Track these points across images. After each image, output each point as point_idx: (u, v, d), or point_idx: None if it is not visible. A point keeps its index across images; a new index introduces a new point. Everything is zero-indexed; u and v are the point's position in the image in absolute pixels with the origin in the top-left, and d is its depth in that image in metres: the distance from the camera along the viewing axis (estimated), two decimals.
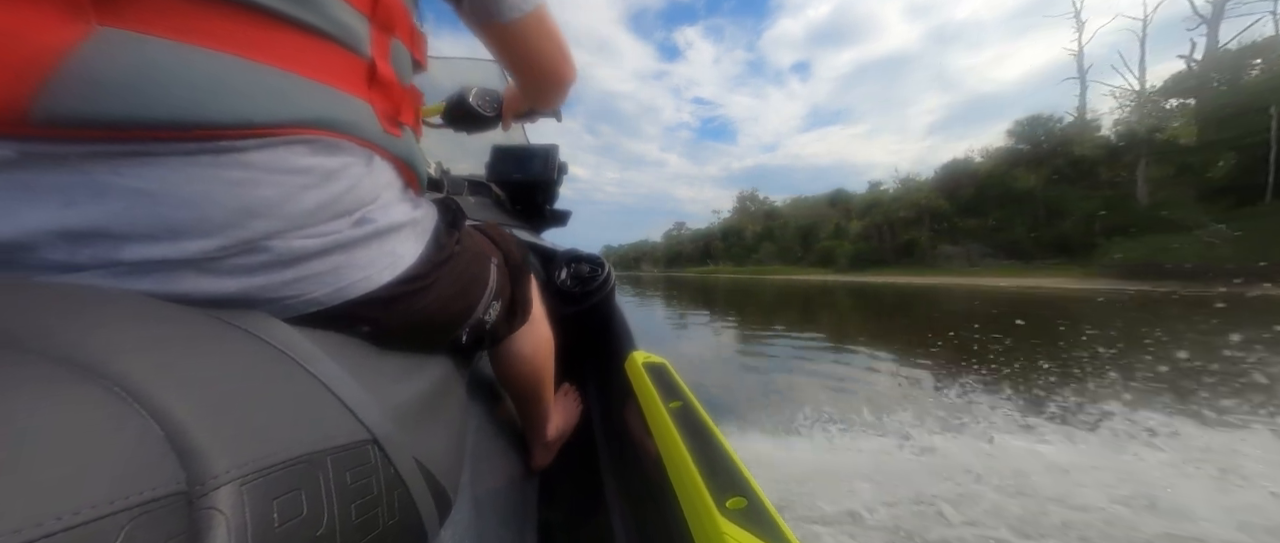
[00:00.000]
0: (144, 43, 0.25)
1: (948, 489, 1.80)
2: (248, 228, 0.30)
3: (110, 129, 0.25)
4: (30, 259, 0.26)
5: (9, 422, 0.16)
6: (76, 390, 0.18)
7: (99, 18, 0.24)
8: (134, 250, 0.27)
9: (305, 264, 0.33)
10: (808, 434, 2.63)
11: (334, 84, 0.34)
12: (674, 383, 0.70)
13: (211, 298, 0.30)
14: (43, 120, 0.24)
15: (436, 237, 0.45)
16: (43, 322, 0.21)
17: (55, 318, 0.21)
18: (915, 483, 1.86)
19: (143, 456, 0.19)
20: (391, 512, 0.31)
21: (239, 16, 0.29)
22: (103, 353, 0.21)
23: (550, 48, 0.59)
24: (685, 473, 0.48)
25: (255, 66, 0.29)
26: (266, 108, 0.29)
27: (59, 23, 0.24)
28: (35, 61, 0.23)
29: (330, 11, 0.33)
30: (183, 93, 0.26)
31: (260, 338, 0.29)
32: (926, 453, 2.21)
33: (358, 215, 0.36)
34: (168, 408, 0.20)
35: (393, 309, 0.39)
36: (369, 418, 0.31)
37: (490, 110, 0.94)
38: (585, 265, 1.25)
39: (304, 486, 0.24)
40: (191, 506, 0.20)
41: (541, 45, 0.57)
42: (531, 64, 0.60)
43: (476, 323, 0.52)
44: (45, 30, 0.23)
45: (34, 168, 0.25)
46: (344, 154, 0.35)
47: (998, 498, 1.73)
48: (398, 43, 0.41)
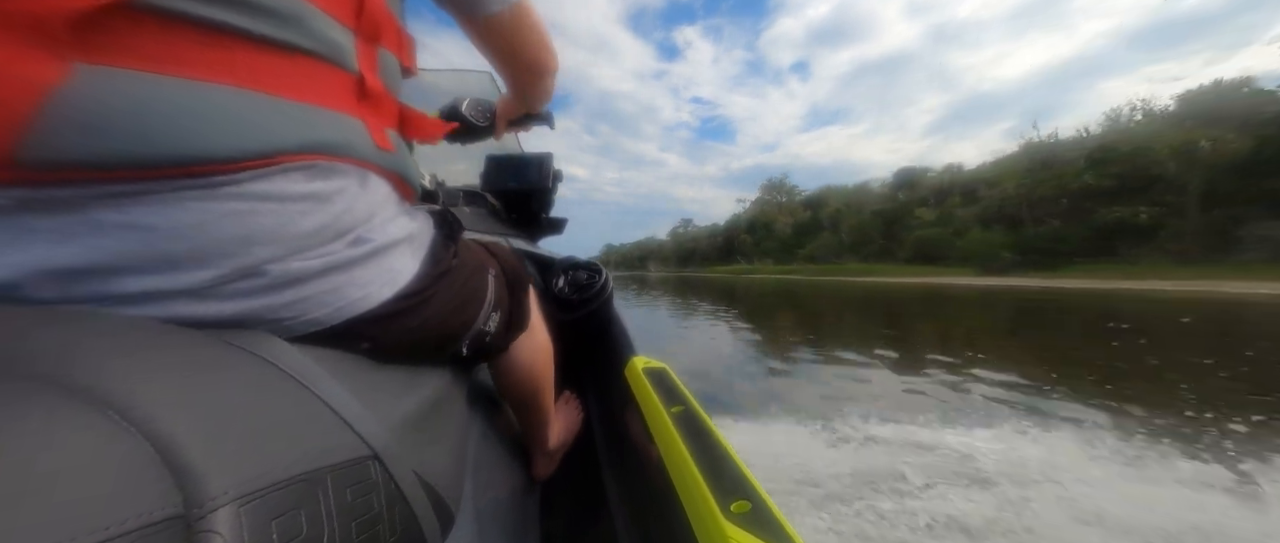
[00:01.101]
0: (128, 78, 0.25)
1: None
2: (246, 255, 0.29)
3: (101, 169, 0.25)
4: (18, 297, 0.25)
5: (2, 447, 0.16)
6: (70, 414, 0.18)
7: (78, 55, 0.24)
8: (130, 283, 0.27)
9: (304, 286, 0.33)
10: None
11: (324, 104, 0.34)
12: (675, 388, 0.70)
13: (209, 321, 0.29)
14: (28, 165, 0.23)
15: (434, 251, 0.45)
16: (35, 346, 0.21)
17: (48, 341, 0.21)
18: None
19: (139, 479, 0.18)
20: (393, 528, 0.30)
21: (221, 44, 0.28)
22: (97, 376, 0.20)
23: (533, 40, 0.61)
24: (688, 478, 0.47)
25: (243, 94, 0.29)
26: (259, 138, 0.29)
27: (36, 64, 0.23)
28: (16, 105, 0.22)
29: (314, 30, 0.32)
30: (172, 127, 0.26)
31: (257, 356, 0.29)
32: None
33: (354, 235, 0.36)
34: (164, 430, 0.20)
35: (392, 325, 0.39)
36: (369, 433, 0.31)
37: (483, 120, 0.94)
38: (583, 272, 1.25)
39: (303, 505, 0.24)
40: (189, 529, 0.19)
41: (524, 37, 0.60)
42: (515, 56, 0.63)
43: (476, 335, 0.52)
44: (24, 72, 0.22)
45: (25, 212, 0.24)
46: (339, 176, 0.35)
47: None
48: (385, 52, 0.41)
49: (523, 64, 0.65)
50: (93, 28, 0.24)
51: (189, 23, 0.27)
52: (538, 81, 0.72)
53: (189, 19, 0.27)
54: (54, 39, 0.23)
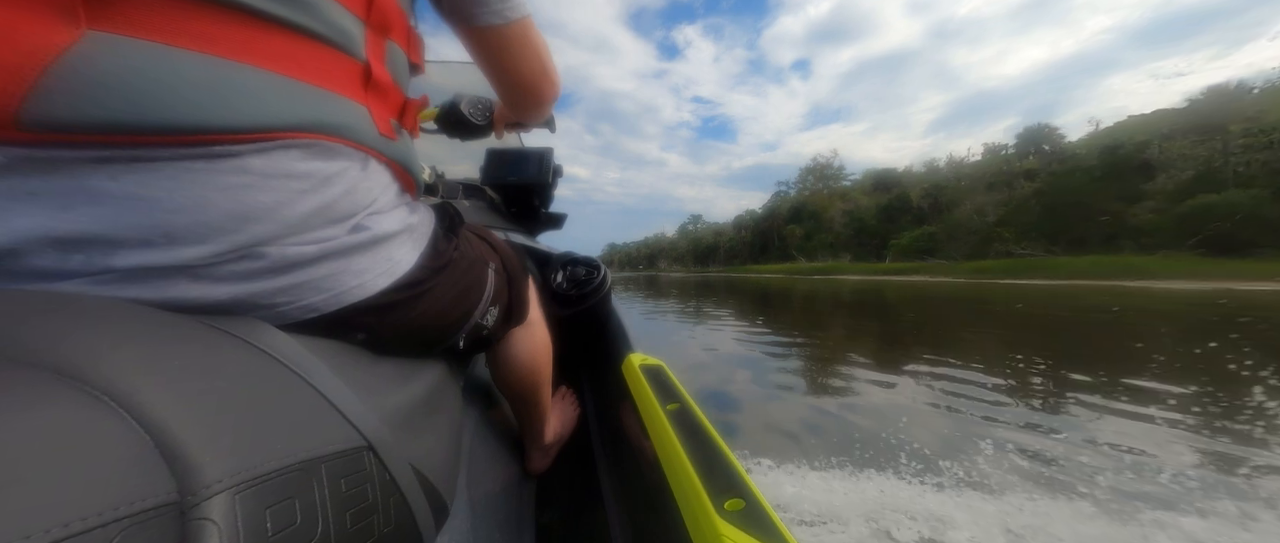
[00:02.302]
0: (136, 46, 0.25)
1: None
2: (244, 233, 0.30)
3: (103, 134, 0.25)
4: (17, 266, 0.25)
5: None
6: (65, 400, 0.18)
7: (89, 21, 0.24)
8: (127, 257, 0.27)
9: (301, 271, 0.33)
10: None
11: (329, 87, 0.34)
12: (671, 385, 0.70)
13: (205, 305, 0.29)
14: (33, 125, 0.24)
15: (433, 242, 0.45)
16: (30, 331, 0.21)
17: (43, 327, 0.21)
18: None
19: (133, 466, 0.18)
20: (387, 519, 0.30)
21: (232, 19, 0.28)
22: (92, 362, 0.20)
23: (530, 62, 0.56)
24: (683, 475, 0.47)
25: (249, 70, 0.29)
26: (261, 112, 0.29)
27: (48, 26, 0.23)
28: (23, 65, 0.23)
29: (324, 14, 0.33)
30: (176, 97, 0.26)
31: (253, 345, 0.29)
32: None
33: (354, 221, 0.36)
34: (159, 417, 0.20)
35: (389, 316, 0.39)
36: (364, 424, 0.31)
37: (482, 119, 0.94)
38: (581, 268, 1.25)
39: (298, 494, 0.24)
40: (183, 516, 0.19)
41: (521, 58, 0.55)
42: (508, 75, 0.57)
43: (474, 328, 0.52)
44: (34, 33, 0.23)
45: (24, 173, 0.25)
46: (340, 158, 0.35)
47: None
48: (394, 45, 0.41)
49: (517, 85, 0.59)
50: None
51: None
52: (533, 106, 0.65)
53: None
54: (69, 5, 0.24)
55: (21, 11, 0.23)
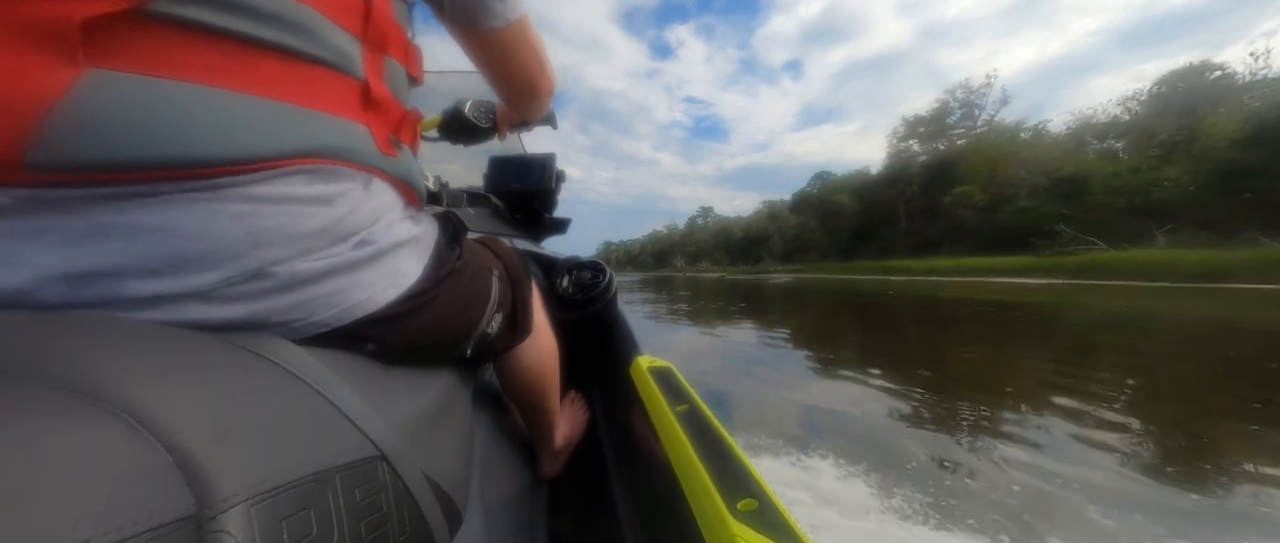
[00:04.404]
0: (136, 83, 0.25)
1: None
2: (252, 257, 0.30)
3: (109, 171, 0.25)
4: (29, 303, 0.25)
5: (14, 449, 0.16)
6: (81, 417, 0.18)
7: (89, 59, 0.24)
8: (138, 286, 0.27)
9: (309, 287, 0.33)
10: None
11: (329, 110, 0.34)
12: (680, 386, 0.70)
13: (217, 324, 0.30)
14: (38, 166, 0.24)
15: (438, 252, 0.45)
16: (46, 350, 0.21)
17: (60, 346, 0.21)
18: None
19: (150, 481, 0.19)
20: (401, 528, 0.31)
21: (229, 49, 0.28)
22: (107, 379, 0.21)
23: (529, 59, 0.59)
24: (694, 476, 0.47)
25: (250, 99, 0.29)
26: (264, 141, 0.29)
27: (49, 67, 0.23)
28: (26, 108, 0.23)
29: (321, 37, 0.33)
30: (179, 131, 0.26)
31: (265, 358, 0.29)
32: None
33: (359, 238, 0.36)
34: (174, 432, 0.20)
35: (397, 327, 0.39)
36: (377, 434, 0.31)
37: (485, 121, 0.95)
38: (587, 272, 1.25)
39: (313, 505, 0.24)
40: (201, 529, 0.20)
41: (520, 56, 0.58)
42: (509, 73, 0.60)
43: (481, 336, 0.52)
44: (35, 76, 0.23)
45: (32, 214, 0.25)
46: (343, 180, 0.35)
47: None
48: (392, 61, 0.41)
49: (517, 83, 0.63)
50: (105, 34, 0.24)
51: (198, 29, 0.27)
52: (532, 101, 0.70)
53: (198, 26, 0.27)
54: (68, 44, 0.23)
55: (21, 55, 0.23)
